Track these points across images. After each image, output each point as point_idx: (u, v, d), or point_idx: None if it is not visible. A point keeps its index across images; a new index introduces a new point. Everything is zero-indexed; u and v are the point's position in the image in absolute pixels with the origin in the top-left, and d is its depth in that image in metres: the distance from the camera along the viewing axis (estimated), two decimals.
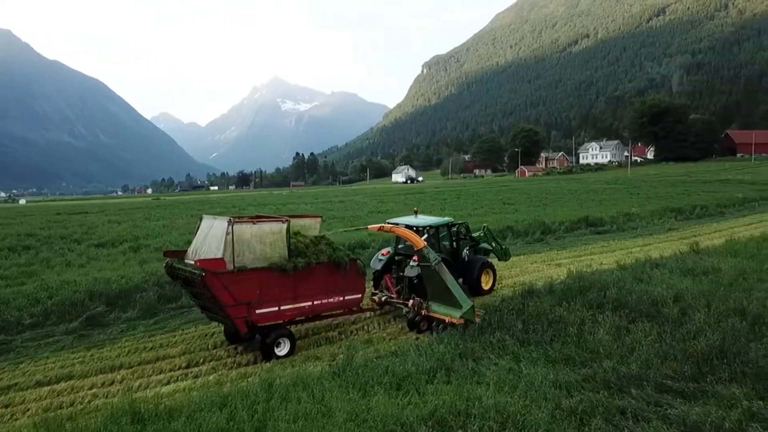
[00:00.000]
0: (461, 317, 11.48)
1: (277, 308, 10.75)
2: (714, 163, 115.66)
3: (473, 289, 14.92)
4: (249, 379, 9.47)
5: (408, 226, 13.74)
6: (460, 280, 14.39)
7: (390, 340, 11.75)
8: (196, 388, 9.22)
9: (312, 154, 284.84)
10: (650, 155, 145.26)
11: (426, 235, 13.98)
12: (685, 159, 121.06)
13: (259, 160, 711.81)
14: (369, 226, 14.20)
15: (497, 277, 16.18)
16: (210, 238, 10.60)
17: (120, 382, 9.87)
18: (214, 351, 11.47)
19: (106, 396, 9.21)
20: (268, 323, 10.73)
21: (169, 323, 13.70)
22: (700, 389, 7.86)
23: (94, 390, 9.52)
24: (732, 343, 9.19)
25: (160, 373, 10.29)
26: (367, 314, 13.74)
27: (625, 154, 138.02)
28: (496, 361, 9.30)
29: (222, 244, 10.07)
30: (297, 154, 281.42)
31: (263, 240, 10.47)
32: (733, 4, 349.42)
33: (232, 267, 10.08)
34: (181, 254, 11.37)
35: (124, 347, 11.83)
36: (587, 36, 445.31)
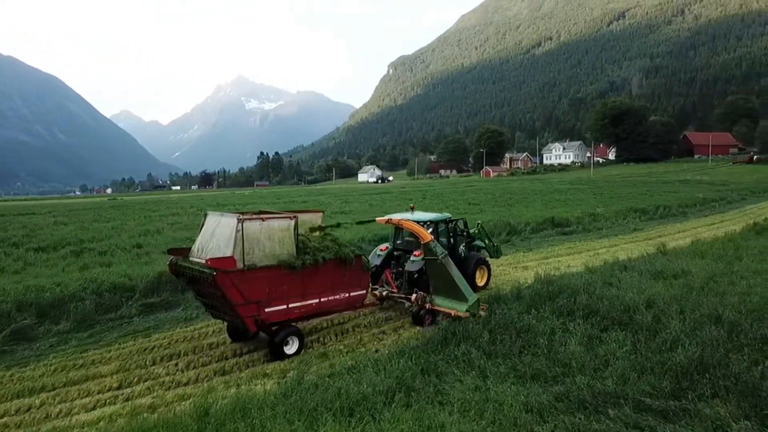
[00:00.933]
0: (467, 311, 11.52)
1: (285, 306, 10.62)
2: (673, 163, 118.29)
3: (468, 285, 14.64)
4: (185, 403, 8.42)
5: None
6: None
7: (347, 353, 10.82)
8: (123, 415, 8.13)
9: (277, 153, 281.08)
10: (612, 156, 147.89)
11: (430, 230, 13.83)
12: (645, 160, 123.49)
13: (223, 159, 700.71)
14: (377, 219, 14.29)
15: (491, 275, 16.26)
16: (218, 235, 10.34)
17: (38, 408, 8.66)
18: (152, 368, 10.34)
19: (18, 426, 8.04)
20: (277, 321, 10.61)
21: (105, 336, 12.47)
22: (681, 407, 7.17)
23: (5, 419, 8.31)
24: (711, 354, 8.58)
25: (87, 396, 9.11)
26: (325, 324, 12.82)
27: (588, 154, 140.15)
28: (460, 377, 8.48)
29: (231, 242, 9.85)
30: (261, 153, 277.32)
31: (272, 237, 10.33)
32: (689, 9, 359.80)
33: (242, 265, 9.87)
34: (185, 252, 11.09)
35: (51, 365, 10.59)
36: (550, 39, 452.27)
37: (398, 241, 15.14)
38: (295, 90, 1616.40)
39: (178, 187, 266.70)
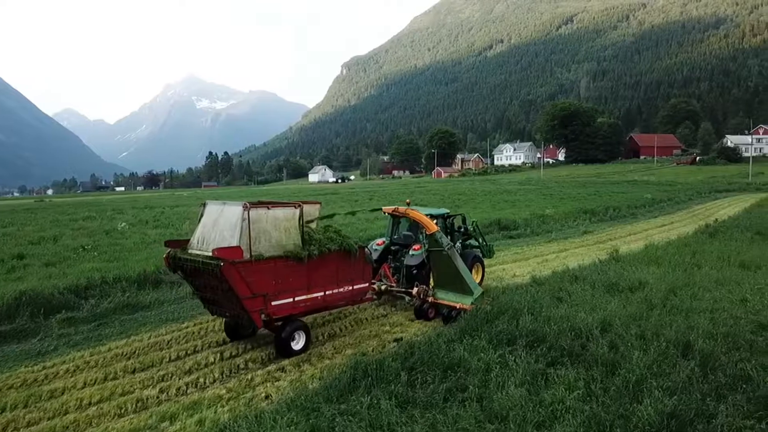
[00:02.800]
0: (472, 303, 11.40)
1: (292, 299, 10.08)
2: (620, 164, 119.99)
3: None
4: None
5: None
6: None
7: (229, 400, 8.36)
8: None
9: (226, 153, 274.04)
10: (561, 157, 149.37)
11: (435, 221, 13.28)
12: (593, 161, 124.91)
13: (172, 159, 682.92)
14: (384, 208, 14.18)
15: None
16: (221, 225, 9.68)
17: None
18: None
19: None
20: (283, 316, 10.14)
21: None
22: None
23: None
24: (687, 404, 6.62)
25: None
26: (212, 359, 10.38)
27: (538, 155, 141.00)
28: None
29: (237, 230, 9.28)
30: (210, 153, 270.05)
31: (277, 226, 9.81)
32: (633, 15, 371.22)
33: (249, 255, 9.25)
34: (183, 243, 10.38)
35: None
36: (501, 41, 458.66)
37: (395, 236, 14.94)
38: (248, 89, 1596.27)
39: (123, 188, 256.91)
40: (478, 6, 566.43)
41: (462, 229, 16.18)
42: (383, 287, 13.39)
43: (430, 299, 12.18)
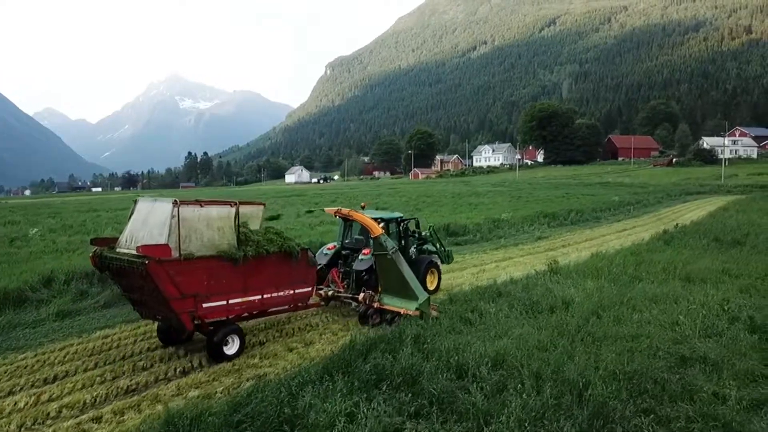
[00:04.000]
0: (417, 309, 11.09)
1: (225, 302, 9.67)
2: (598, 165, 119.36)
3: None
4: None
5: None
6: None
7: None
8: None
9: (205, 154, 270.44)
10: (541, 158, 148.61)
11: (382, 225, 12.91)
12: (571, 162, 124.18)
13: (156, 159, 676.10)
14: (326, 209, 13.75)
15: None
16: (150, 222, 9.29)
17: None
18: None
19: None
20: (216, 319, 9.68)
21: None
22: None
23: None
24: None
25: None
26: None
27: (517, 156, 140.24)
28: None
29: (166, 228, 8.89)
30: (189, 153, 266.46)
31: (210, 225, 9.39)
32: (615, 18, 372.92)
33: (177, 254, 8.83)
34: (110, 242, 9.96)
35: None
36: (485, 43, 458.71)
37: (347, 240, 14.47)
38: (232, 89, 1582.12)
39: (99, 189, 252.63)
40: (462, 7, 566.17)
41: (416, 234, 15.61)
42: (330, 293, 12.97)
43: (375, 305, 11.78)
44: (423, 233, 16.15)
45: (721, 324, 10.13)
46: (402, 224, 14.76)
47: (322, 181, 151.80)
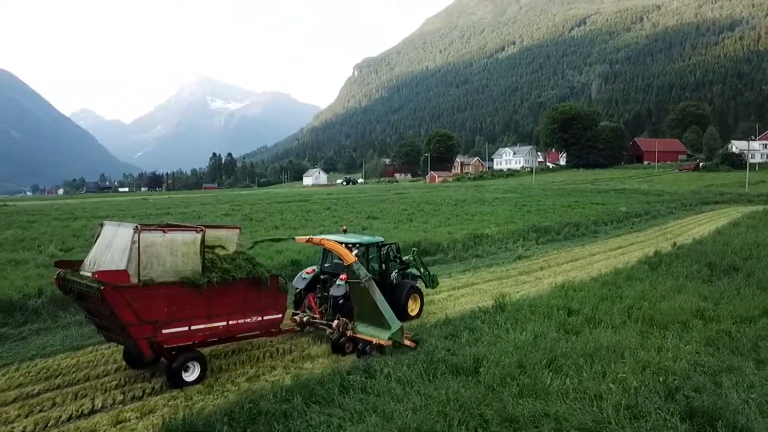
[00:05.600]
0: (389, 338, 10.95)
1: (187, 328, 9.64)
2: (621, 169, 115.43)
3: (399, 314, 12.91)
4: None
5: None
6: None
7: None
8: None
9: (229, 155, 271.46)
10: (563, 161, 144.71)
11: (356, 252, 12.83)
12: (594, 166, 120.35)
13: (186, 159, 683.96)
14: (296, 238, 13.40)
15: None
16: (114, 247, 9.39)
17: None
18: None
19: None
20: (177, 345, 9.61)
21: None
22: None
23: None
24: None
25: None
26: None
27: (539, 159, 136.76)
28: None
29: (126, 253, 8.92)
30: (213, 154, 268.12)
31: (174, 251, 9.42)
32: (647, 17, 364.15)
33: (137, 280, 8.84)
34: (76, 265, 10.06)
35: None
36: (513, 43, 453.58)
37: (326, 264, 14.21)
38: (261, 90, 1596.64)
39: (126, 189, 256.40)
40: (490, 8, 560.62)
41: (398, 259, 15.10)
42: (305, 318, 12.69)
43: (349, 333, 11.52)
44: (406, 257, 15.68)
45: (655, 401, 8.05)
46: (383, 249, 14.50)
47: (345, 183, 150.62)
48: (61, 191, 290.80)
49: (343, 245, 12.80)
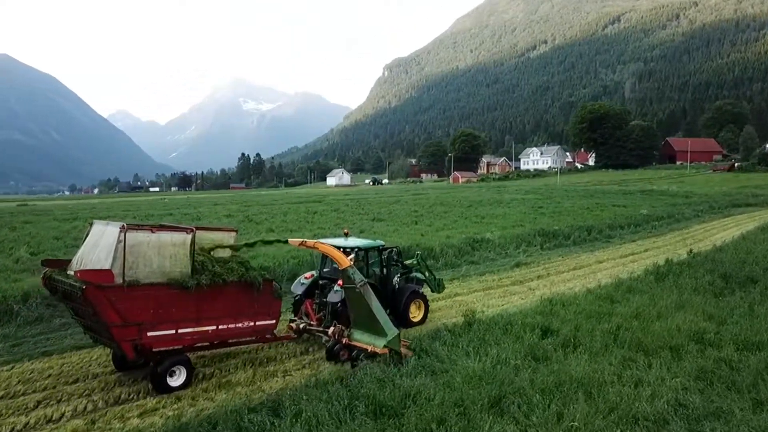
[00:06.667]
0: (385, 346, 10.32)
1: (174, 331, 9.31)
2: (652, 170, 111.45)
3: (401, 319, 13.09)
4: None
5: (335, 247, 11.97)
6: (387, 309, 12.56)
7: None
8: None
9: (258, 155, 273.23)
10: (592, 161, 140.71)
11: (353, 256, 12.47)
12: (624, 166, 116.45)
13: (219, 160, 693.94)
14: (289, 240, 12.36)
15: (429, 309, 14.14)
16: (100, 246, 9.15)
17: None
18: None
19: None
20: (163, 348, 9.22)
21: None
22: None
23: None
24: None
25: None
26: None
27: (568, 159, 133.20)
28: None
29: (111, 253, 8.67)
30: (242, 155, 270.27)
31: (162, 252, 9.15)
32: (684, 14, 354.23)
33: (121, 281, 8.61)
34: (63, 264, 9.83)
35: None
36: (545, 42, 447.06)
37: (325, 269, 13.78)
38: (293, 91, 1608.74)
39: (157, 189, 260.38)
40: (522, 6, 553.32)
41: (399, 263, 14.51)
42: (302, 325, 12.20)
43: (344, 340, 11.01)
44: (410, 261, 15.13)
45: None
46: (384, 252, 13.91)
47: (372, 183, 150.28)
48: (96, 191, 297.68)
49: (341, 249, 12.28)
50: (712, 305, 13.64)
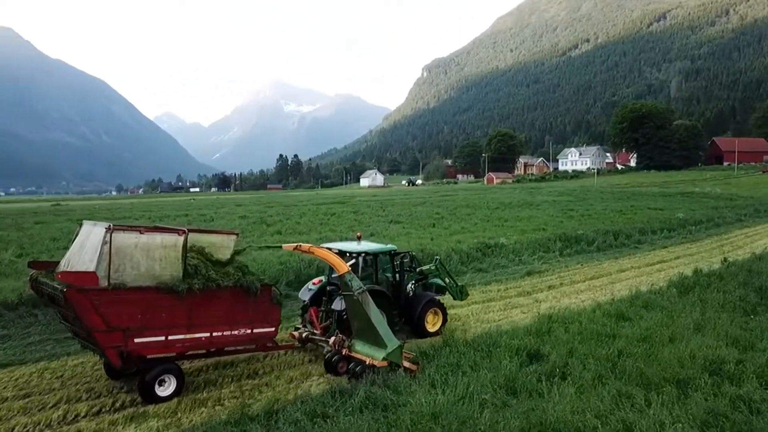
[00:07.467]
0: (385, 359, 9.58)
1: (163, 338, 8.83)
2: (696, 171, 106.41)
3: (416, 329, 12.59)
4: None
5: (341, 252, 11.89)
6: (402, 318, 12.73)
7: None
8: None
9: (295, 156, 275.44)
10: (633, 163, 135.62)
11: (353, 261, 11.90)
12: (667, 167, 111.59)
13: (260, 160, 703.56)
14: (284, 245, 11.74)
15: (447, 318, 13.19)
16: (86, 247, 8.78)
17: None
18: None
19: None
20: (151, 356, 8.83)
21: None
22: None
23: None
24: None
25: None
26: None
27: (608, 160, 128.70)
28: None
29: (96, 254, 8.29)
30: (280, 156, 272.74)
31: (151, 254, 8.70)
32: (734, 9, 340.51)
33: (106, 283, 8.20)
34: (51, 265, 9.42)
35: None
36: (587, 41, 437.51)
37: (333, 275, 12.43)
38: (333, 92, 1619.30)
39: (197, 189, 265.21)
40: (564, 5, 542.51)
41: (413, 268, 13.77)
42: (305, 334, 11.59)
43: (344, 351, 10.36)
44: (427, 267, 14.11)
45: None
46: (397, 257, 13.12)
47: (408, 184, 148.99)
48: (141, 191, 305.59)
49: (346, 254, 11.91)
50: (738, 326, 11.71)
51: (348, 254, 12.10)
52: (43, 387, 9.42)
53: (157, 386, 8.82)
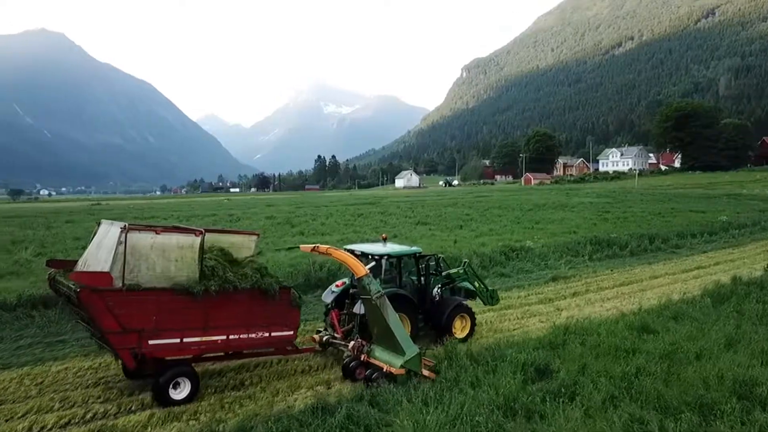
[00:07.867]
0: (402, 366, 9.27)
1: (179, 340, 8.68)
2: (745, 172, 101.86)
3: (443, 335, 11.92)
4: None
5: (364, 254, 11.71)
6: (429, 324, 12.43)
7: None
8: None
9: (333, 157, 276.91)
10: (678, 163, 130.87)
11: (373, 263, 11.57)
12: (714, 168, 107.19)
13: (300, 161, 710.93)
14: (301, 246, 11.52)
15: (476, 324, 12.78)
16: (102, 247, 8.74)
17: None
18: None
19: None
20: (166, 358, 8.73)
21: None
22: None
23: None
24: None
25: None
26: None
27: (652, 161, 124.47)
28: None
29: (111, 255, 8.20)
30: (319, 157, 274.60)
31: (167, 255, 8.56)
32: None
33: (120, 284, 8.11)
34: (70, 264, 9.33)
35: None
36: (631, 38, 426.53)
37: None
38: (372, 93, 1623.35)
39: (237, 189, 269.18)
40: (607, 2, 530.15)
41: (439, 271, 13.20)
42: (325, 338, 11.31)
43: (363, 357, 10.09)
44: (454, 270, 13.77)
45: None
46: (423, 260, 12.72)
47: (446, 185, 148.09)
48: (183, 191, 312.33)
49: (368, 257, 11.69)
50: None
51: (369, 257, 11.74)
52: (19, 395, 9.08)
53: (171, 389, 8.67)
